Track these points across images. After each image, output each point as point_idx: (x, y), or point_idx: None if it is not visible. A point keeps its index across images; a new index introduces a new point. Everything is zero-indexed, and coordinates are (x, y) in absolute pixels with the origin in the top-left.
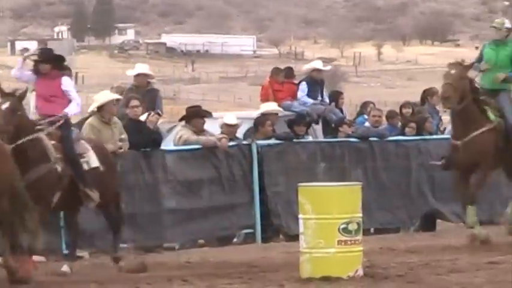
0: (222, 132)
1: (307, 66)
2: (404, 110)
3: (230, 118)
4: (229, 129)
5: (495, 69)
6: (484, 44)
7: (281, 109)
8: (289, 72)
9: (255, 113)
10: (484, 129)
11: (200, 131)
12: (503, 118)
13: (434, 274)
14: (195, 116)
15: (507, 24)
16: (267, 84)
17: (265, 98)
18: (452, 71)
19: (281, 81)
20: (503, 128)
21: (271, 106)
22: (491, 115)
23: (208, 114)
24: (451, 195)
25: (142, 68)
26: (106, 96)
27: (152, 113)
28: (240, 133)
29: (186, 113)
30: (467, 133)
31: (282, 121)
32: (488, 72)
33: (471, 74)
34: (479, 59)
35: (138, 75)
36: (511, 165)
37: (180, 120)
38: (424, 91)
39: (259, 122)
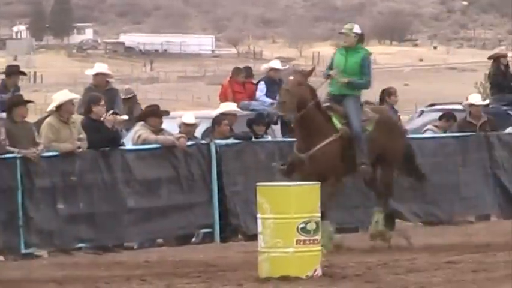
0: (180, 132)
1: (265, 66)
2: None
3: (188, 117)
4: (187, 129)
5: (343, 75)
6: (335, 50)
7: (239, 110)
8: (247, 72)
9: (214, 113)
10: (328, 140)
11: (158, 130)
12: (349, 125)
13: (393, 274)
14: (152, 115)
15: (356, 30)
16: (226, 83)
17: (224, 98)
18: (291, 77)
19: (242, 82)
20: (349, 135)
21: (230, 106)
22: (337, 123)
23: (165, 113)
24: (409, 194)
25: (101, 67)
26: (64, 95)
27: (110, 113)
28: (198, 132)
29: (143, 112)
30: (311, 145)
31: (242, 120)
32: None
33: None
34: (330, 65)
35: (96, 75)
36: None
37: (138, 119)
38: (383, 91)
39: (216, 121)
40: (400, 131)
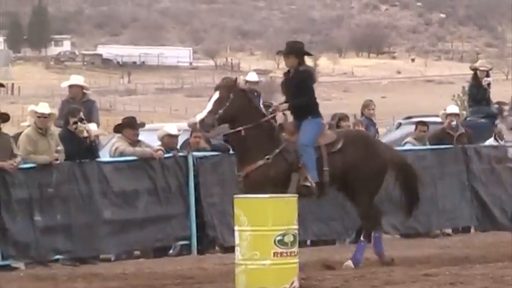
0: (162, 143)
1: (241, 79)
2: (343, 123)
3: (172, 128)
4: (170, 140)
5: None
6: None
7: None
8: None
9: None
10: None
11: (134, 142)
12: None
13: (370, 286)
14: (128, 127)
15: None
16: None
17: None
18: None
19: None
20: None
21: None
22: None
23: (141, 125)
24: (387, 207)
25: (76, 79)
26: (44, 109)
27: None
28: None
29: (119, 124)
30: None
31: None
32: None
33: None
34: None
35: (72, 87)
36: None
37: (114, 131)
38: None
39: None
40: None
